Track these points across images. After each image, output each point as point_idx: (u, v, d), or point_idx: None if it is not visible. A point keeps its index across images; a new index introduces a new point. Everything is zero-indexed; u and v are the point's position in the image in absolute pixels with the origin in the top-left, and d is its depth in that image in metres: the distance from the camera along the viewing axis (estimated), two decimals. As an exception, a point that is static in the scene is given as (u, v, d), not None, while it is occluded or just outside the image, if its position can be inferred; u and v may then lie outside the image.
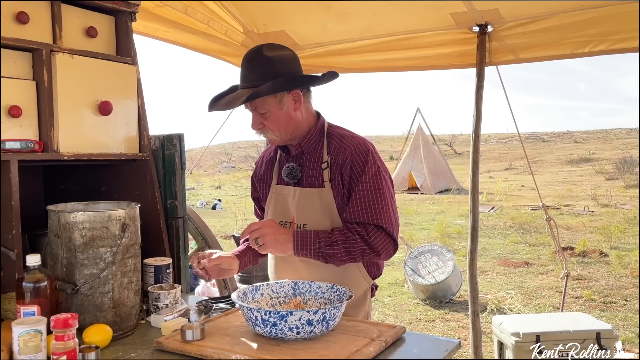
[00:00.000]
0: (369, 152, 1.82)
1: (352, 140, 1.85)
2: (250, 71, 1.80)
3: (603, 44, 2.96)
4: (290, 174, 1.89)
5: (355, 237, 1.73)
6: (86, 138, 1.94)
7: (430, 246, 6.10)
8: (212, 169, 32.01)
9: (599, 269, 7.23)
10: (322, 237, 1.73)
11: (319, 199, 1.83)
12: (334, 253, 1.72)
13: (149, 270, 1.89)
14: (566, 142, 34.43)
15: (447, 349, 1.46)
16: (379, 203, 1.77)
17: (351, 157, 1.80)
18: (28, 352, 1.31)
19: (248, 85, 1.79)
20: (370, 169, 1.79)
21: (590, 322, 3.44)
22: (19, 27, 1.81)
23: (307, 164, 1.88)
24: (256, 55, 1.80)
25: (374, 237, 1.74)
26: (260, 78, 1.77)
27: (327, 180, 1.83)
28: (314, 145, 1.88)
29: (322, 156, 1.86)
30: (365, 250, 1.74)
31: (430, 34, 3.31)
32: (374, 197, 1.78)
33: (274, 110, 1.80)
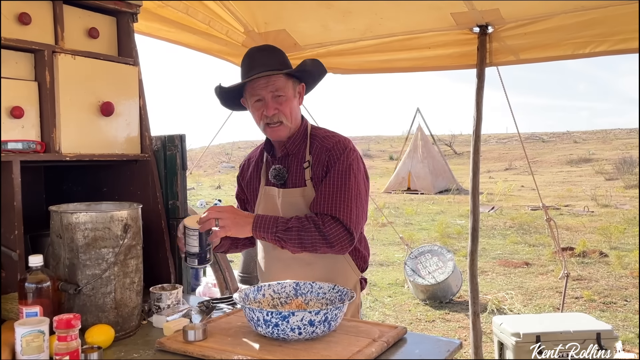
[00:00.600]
0: (346, 149, 1.86)
1: (332, 139, 1.90)
2: (267, 59, 1.86)
3: (603, 45, 2.96)
4: (277, 175, 1.92)
5: (310, 226, 1.75)
6: (88, 139, 1.94)
7: (431, 246, 6.11)
8: (211, 169, 32.01)
9: (598, 269, 7.24)
10: (280, 222, 1.77)
11: (302, 197, 1.87)
12: (288, 238, 1.75)
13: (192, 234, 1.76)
14: (566, 143, 34.44)
15: (449, 350, 1.46)
16: (340, 196, 1.80)
17: (328, 153, 1.86)
18: (31, 353, 1.32)
19: (268, 69, 1.83)
20: (341, 164, 1.83)
21: (590, 323, 3.44)
22: (21, 28, 1.81)
23: (292, 165, 1.92)
24: (270, 47, 1.92)
25: (328, 228, 1.75)
26: (280, 64, 1.87)
27: (309, 179, 1.87)
28: (298, 146, 1.93)
29: (304, 156, 1.91)
30: (318, 240, 1.75)
31: (431, 35, 3.32)
32: (337, 190, 1.81)
33: (289, 96, 1.88)
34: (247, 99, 1.92)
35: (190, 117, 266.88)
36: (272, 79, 1.83)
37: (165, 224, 2.14)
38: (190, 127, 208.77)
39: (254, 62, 1.87)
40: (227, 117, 4.42)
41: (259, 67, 1.84)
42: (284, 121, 1.87)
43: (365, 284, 2.07)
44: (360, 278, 2.00)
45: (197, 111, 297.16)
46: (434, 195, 16.71)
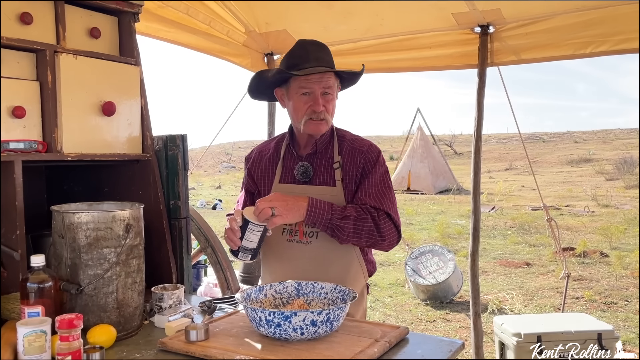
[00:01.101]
0: (380, 153, 1.94)
1: (363, 142, 1.95)
2: (322, 53, 1.89)
3: (604, 45, 2.96)
4: (304, 172, 1.93)
5: (366, 216, 1.77)
6: (89, 138, 1.94)
7: (431, 246, 6.11)
8: (212, 168, 32.02)
9: (599, 269, 7.24)
10: (336, 209, 1.77)
11: (330, 197, 1.86)
12: (344, 227, 1.75)
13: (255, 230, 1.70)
14: (566, 143, 34.44)
15: (451, 350, 1.46)
16: (387, 196, 1.87)
17: (364, 156, 1.89)
18: (33, 353, 1.31)
19: (325, 65, 1.86)
20: (380, 167, 1.90)
21: (591, 323, 3.44)
22: (23, 27, 1.81)
23: (319, 164, 1.93)
24: (318, 42, 1.93)
25: (383, 222, 1.80)
26: (331, 62, 1.90)
27: (339, 179, 1.89)
28: (326, 145, 1.95)
29: (333, 156, 1.92)
30: (373, 233, 1.78)
31: (432, 35, 3.32)
32: (383, 190, 1.87)
33: (334, 96, 1.92)
34: (292, 90, 1.90)
35: (191, 117, 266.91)
36: (325, 75, 1.85)
37: (166, 223, 2.13)
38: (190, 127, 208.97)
39: (308, 54, 1.87)
40: (228, 117, 4.42)
41: (313, 61, 1.85)
42: (327, 119, 1.89)
43: (369, 290, 2.08)
44: (367, 283, 2.01)
45: (198, 111, 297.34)
46: (435, 195, 16.71)
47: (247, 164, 2.12)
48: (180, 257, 2.16)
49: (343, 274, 1.88)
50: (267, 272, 2.03)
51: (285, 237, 1.92)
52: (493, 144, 35.08)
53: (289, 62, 1.90)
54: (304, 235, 1.89)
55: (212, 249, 2.99)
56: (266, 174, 2.04)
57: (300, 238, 1.90)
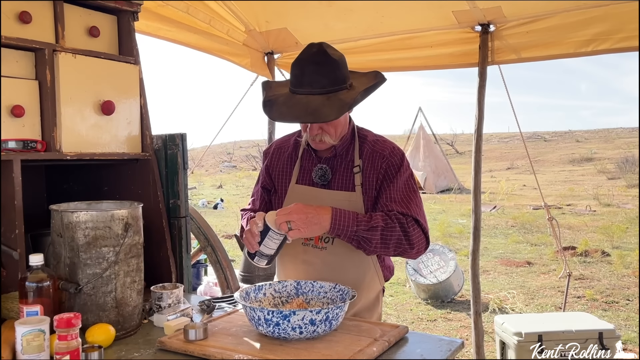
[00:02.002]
0: (404, 156, 1.84)
1: (385, 144, 1.86)
2: (319, 75, 1.69)
3: (606, 43, 2.95)
4: (322, 175, 1.86)
5: (394, 225, 1.68)
6: (89, 138, 1.94)
7: (432, 246, 6.09)
8: (213, 168, 32.02)
9: (600, 268, 7.22)
10: (361, 220, 1.67)
11: (348, 202, 1.80)
12: (371, 238, 1.67)
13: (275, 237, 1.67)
14: (568, 142, 34.38)
15: (451, 349, 1.46)
16: (414, 201, 1.78)
17: (387, 160, 1.81)
18: (31, 352, 1.31)
19: (318, 90, 1.68)
20: (405, 172, 1.81)
21: (592, 322, 3.43)
22: (22, 26, 1.81)
23: (338, 167, 1.86)
24: (323, 58, 1.70)
25: (412, 229, 1.71)
26: (333, 83, 1.69)
27: (359, 184, 1.82)
28: (346, 148, 1.87)
29: (353, 159, 1.85)
30: (401, 242, 1.69)
31: (433, 34, 3.31)
32: (409, 194, 1.78)
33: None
34: None
35: (192, 116, 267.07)
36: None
37: (166, 223, 2.13)
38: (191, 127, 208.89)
39: (301, 76, 1.70)
40: (229, 116, 4.42)
41: (306, 87, 1.69)
42: (326, 139, 1.79)
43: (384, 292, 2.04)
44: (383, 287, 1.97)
45: (199, 110, 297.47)
46: (436, 194, 16.70)
47: (265, 159, 2.03)
48: (180, 257, 2.16)
49: (359, 279, 1.84)
50: (282, 275, 2.00)
51: (301, 241, 1.87)
52: (494, 143, 35.04)
53: (290, 78, 1.77)
54: (319, 240, 1.85)
55: (211, 248, 2.99)
56: (284, 173, 1.96)
57: (316, 243, 1.85)
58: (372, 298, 1.91)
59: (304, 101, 1.68)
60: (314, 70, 1.69)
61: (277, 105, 1.74)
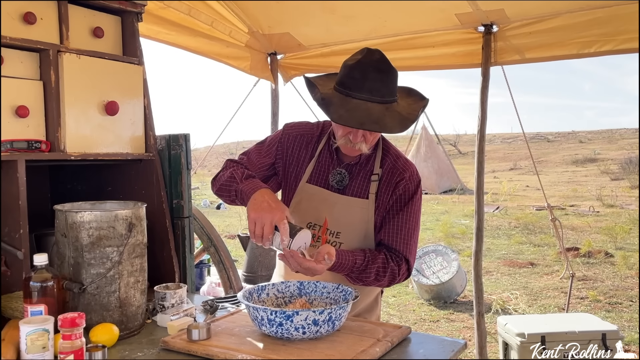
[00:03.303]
0: (420, 183, 1.85)
1: (407, 164, 1.86)
2: (383, 84, 1.64)
3: (609, 44, 2.95)
4: (341, 180, 1.83)
5: (386, 273, 1.75)
6: (92, 138, 1.95)
7: (435, 246, 6.09)
8: (216, 168, 32.00)
9: (604, 269, 7.21)
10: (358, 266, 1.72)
11: (360, 209, 1.80)
12: (365, 280, 1.76)
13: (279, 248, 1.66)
14: (571, 142, 34.32)
15: (453, 350, 1.46)
16: (413, 236, 1.82)
17: (405, 183, 1.81)
18: (35, 351, 1.32)
19: (379, 99, 1.63)
20: (417, 201, 1.83)
21: (595, 323, 3.43)
22: (27, 27, 1.82)
23: (357, 173, 1.84)
24: (387, 67, 1.66)
25: (401, 270, 1.78)
26: (391, 94, 1.66)
27: (373, 193, 1.81)
28: (368, 155, 1.84)
29: (373, 168, 1.83)
30: (388, 282, 1.78)
31: (435, 34, 3.31)
32: (412, 228, 1.81)
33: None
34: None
35: (195, 116, 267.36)
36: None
37: (169, 223, 2.14)
38: (194, 127, 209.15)
39: (366, 82, 1.63)
40: (232, 116, 4.42)
41: (365, 93, 1.63)
42: (363, 148, 1.74)
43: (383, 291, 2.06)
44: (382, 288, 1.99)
45: (201, 111, 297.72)
46: (439, 195, 16.68)
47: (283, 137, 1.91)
48: (183, 256, 2.17)
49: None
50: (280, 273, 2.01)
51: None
52: (497, 144, 34.99)
53: (342, 78, 1.69)
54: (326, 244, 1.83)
55: (215, 248, 3.00)
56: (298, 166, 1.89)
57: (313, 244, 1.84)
58: (371, 299, 1.93)
59: (363, 107, 1.62)
60: (378, 78, 1.64)
61: (334, 107, 1.66)
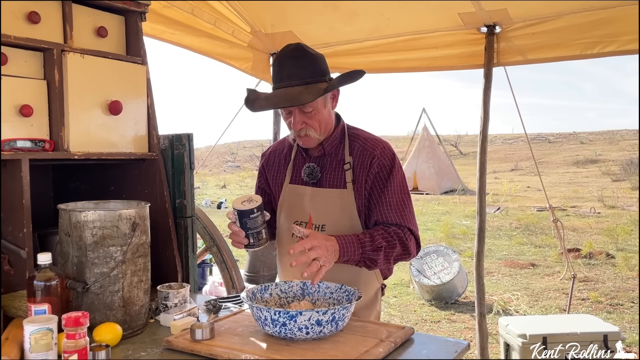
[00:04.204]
0: (394, 156, 1.84)
1: (376, 143, 1.86)
2: (298, 68, 1.74)
3: (612, 45, 2.95)
4: (310, 174, 1.88)
5: (395, 242, 1.73)
6: (96, 137, 1.95)
7: (436, 247, 6.09)
8: (217, 168, 32.08)
9: (605, 270, 7.20)
10: (366, 242, 1.70)
11: (340, 199, 1.83)
12: (375, 259, 1.71)
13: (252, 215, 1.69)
14: (572, 143, 34.30)
15: (457, 350, 1.46)
16: (407, 207, 1.81)
17: (378, 160, 1.81)
18: (39, 350, 1.32)
19: (297, 82, 1.73)
20: (397, 174, 1.82)
21: (597, 324, 3.42)
22: (30, 26, 1.82)
23: (327, 165, 1.88)
24: (302, 53, 1.76)
25: (410, 241, 1.77)
26: (311, 74, 1.74)
27: (350, 181, 1.83)
28: (335, 147, 1.88)
29: (343, 157, 1.86)
30: (401, 255, 1.76)
31: (438, 35, 3.31)
32: (403, 200, 1.81)
33: (320, 108, 1.79)
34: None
35: (197, 116, 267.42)
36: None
37: (172, 222, 2.14)
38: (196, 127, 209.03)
39: (281, 71, 1.76)
40: (233, 117, 4.43)
41: (285, 80, 1.74)
42: (311, 134, 1.81)
43: (384, 288, 2.05)
44: (382, 284, 1.98)
45: (203, 111, 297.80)
46: (440, 195, 16.68)
47: (261, 161, 2.09)
48: (186, 256, 2.17)
49: (353, 277, 1.84)
50: (282, 272, 2.03)
51: (296, 239, 1.87)
52: (499, 145, 34.98)
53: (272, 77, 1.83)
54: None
55: (217, 248, 3.00)
56: (278, 174, 2.00)
57: None
58: (370, 296, 1.92)
59: (282, 92, 1.74)
60: (293, 64, 1.75)
61: (258, 100, 1.81)
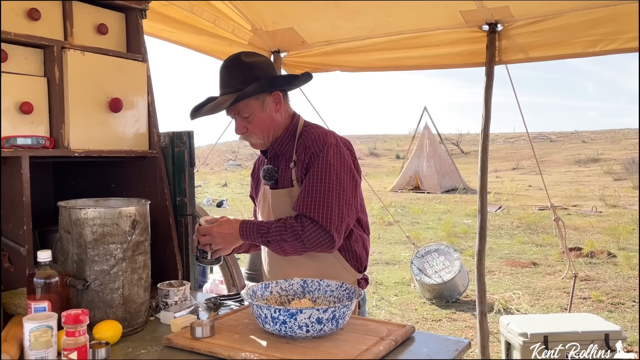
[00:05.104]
0: (325, 144, 1.80)
1: (312, 135, 1.85)
2: (230, 77, 1.84)
3: (614, 43, 2.94)
4: (266, 175, 1.93)
5: (287, 234, 1.75)
6: (96, 135, 1.94)
7: (437, 245, 6.09)
8: (218, 166, 32.09)
9: (606, 269, 7.19)
10: (262, 228, 1.79)
11: (289, 198, 1.86)
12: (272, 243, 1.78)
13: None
14: (574, 142, 34.27)
15: (457, 349, 1.45)
16: (319, 196, 1.74)
17: (308, 151, 1.82)
18: (39, 348, 1.32)
19: (230, 90, 1.82)
20: (320, 162, 1.77)
21: (598, 323, 3.42)
22: (31, 23, 1.82)
23: (281, 165, 1.92)
24: (235, 62, 1.85)
25: (308, 232, 1.73)
26: (242, 82, 1.81)
27: (295, 179, 1.86)
28: (286, 146, 1.91)
29: (291, 156, 1.89)
30: (298, 246, 1.76)
31: (440, 33, 3.30)
32: (316, 190, 1.75)
33: (257, 113, 1.85)
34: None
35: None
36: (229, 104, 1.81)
37: (173, 220, 2.13)
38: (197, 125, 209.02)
39: (220, 80, 1.87)
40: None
41: (221, 89, 1.86)
42: (251, 139, 1.90)
43: (366, 284, 2.01)
44: (359, 278, 1.94)
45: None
46: (441, 194, 16.67)
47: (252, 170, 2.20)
48: (186, 254, 2.17)
49: (319, 271, 1.84)
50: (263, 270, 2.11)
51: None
52: (500, 144, 34.95)
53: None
54: None
55: (218, 246, 2.99)
56: (257, 178, 2.08)
57: None
58: None
59: (218, 100, 1.84)
60: (226, 73, 1.85)
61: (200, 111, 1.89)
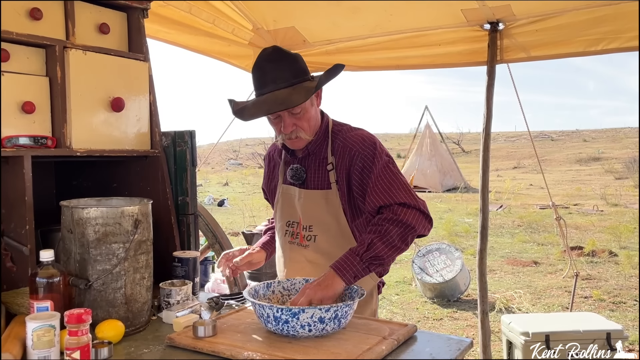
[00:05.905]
0: (375, 144, 1.79)
1: (355, 138, 1.81)
2: (278, 71, 1.73)
3: (616, 42, 2.93)
4: (294, 175, 1.89)
5: (386, 226, 1.64)
6: (98, 134, 1.94)
7: (439, 244, 6.09)
8: (219, 166, 32.10)
9: (608, 268, 7.19)
10: (359, 251, 1.62)
11: (325, 200, 1.83)
12: (377, 254, 1.62)
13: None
14: (575, 141, 34.23)
15: (460, 348, 1.45)
16: (395, 184, 1.73)
17: (359, 155, 1.77)
18: (42, 347, 1.32)
19: (283, 85, 1.72)
20: (379, 160, 1.76)
21: (600, 322, 3.42)
22: (33, 23, 1.82)
23: (311, 165, 1.88)
24: (280, 56, 1.76)
25: (403, 214, 1.66)
26: (295, 75, 1.74)
27: (334, 182, 1.82)
28: (319, 145, 1.87)
29: (326, 157, 1.84)
30: (403, 233, 1.65)
31: (441, 32, 3.30)
32: (389, 181, 1.73)
33: (308, 108, 1.78)
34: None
35: (199, 114, 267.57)
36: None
37: (174, 220, 2.14)
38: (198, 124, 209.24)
39: (264, 76, 1.75)
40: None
41: (270, 85, 1.73)
42: (302, 135, 1.80)
43: (383, 287, 2.04)
44: (377, 282, 1.96)
45: (205, 108, 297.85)
46: (442, 193, 16.66)
47: (264, 159, 2.16)
48: (188, 254, 2.16)
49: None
50: (278, 271, 2.07)
51: (288, 239, 1.95)
52: (501, 142, 34.92)
53: (253, 85, 1.80)
54: (303, 239, 1.89)
55: (219, 245, 3.00)
56: (273, 175, 2.05)
57: (301, 241, 1.90)
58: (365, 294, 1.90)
59: (270, 97, 1.72)
60: (274, 67, 1.74)
61: (247, 109, 1.79)
